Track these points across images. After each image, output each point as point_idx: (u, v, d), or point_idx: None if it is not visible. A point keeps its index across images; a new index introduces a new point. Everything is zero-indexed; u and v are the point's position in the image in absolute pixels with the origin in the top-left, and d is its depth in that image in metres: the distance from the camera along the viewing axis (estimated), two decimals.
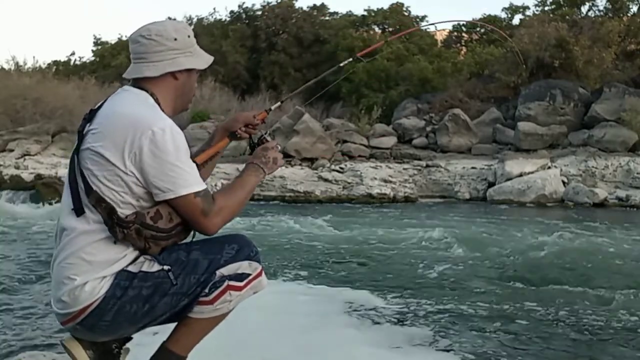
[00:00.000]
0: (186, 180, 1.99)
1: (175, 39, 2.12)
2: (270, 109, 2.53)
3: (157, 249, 2.03)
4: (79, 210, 2.02)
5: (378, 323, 4.85)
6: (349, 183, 15.59)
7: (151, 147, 1.95)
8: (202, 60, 2.22)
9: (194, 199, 1.99)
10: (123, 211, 1.97)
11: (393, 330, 4.67)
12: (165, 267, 2.03)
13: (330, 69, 2.84)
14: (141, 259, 2.04)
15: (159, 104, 2.11)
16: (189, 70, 2.18)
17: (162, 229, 2.00)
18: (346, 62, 2.86)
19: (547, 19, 21.21)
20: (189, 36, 2.17)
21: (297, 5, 29.17)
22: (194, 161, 2.09)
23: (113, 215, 1.96)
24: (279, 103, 2.68)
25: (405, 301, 5.56)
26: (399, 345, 4.31)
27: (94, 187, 1.98)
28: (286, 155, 17.16)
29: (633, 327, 4.79)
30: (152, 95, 2.12)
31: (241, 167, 2.35)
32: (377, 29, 29.20)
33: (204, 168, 2.29)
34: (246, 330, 3.77)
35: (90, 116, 2.10)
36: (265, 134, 2.35)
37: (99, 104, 2.15)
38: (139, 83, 2.14)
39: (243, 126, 2.39)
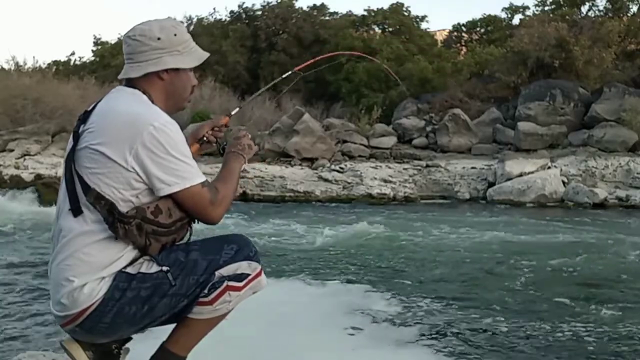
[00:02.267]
0: (190, 172, 2.02)
1: (159, 39, 2.11)
2: (231, 114, 2.61)
3: (158, 246, 2.03)
4: (76, 210, 2.02)
5: (377, 323, 4.85)
6: (349, 183, 15.58)
7: (153, 142, 1.96)
8: (192, 58, 2.19)
9: (202, 188, 2.03)
10: (122, 208, 1.98)
11: (392, 330, 4.67)
12: (164, 268, 2.03)
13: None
14: (140, 260, 2.04)
15: (152, 102, 2.12)
16: (176, 70, 2.16)
17: (163, 224, 2.00)
18: (285, 75, 3.11)
19: (547, 19, 21.21)
20: (175, 34, 2.14)
21: (297, 5, 29.21)
22: None
23: (114, 211, 1.96)
24: (237, 109, 2.78)
25: (404, 301, 5.56)
26: (398, 346, 4.31)
27: (92, 185, 1.98)
28: (286, 155, 17.17)
29: (632, 328, 4.79)
30: (144, 93, 2.12)
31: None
32: (377, 29, 29.21)
33: None
34: (246, 330, 3.76)
35: (85, 117, 2.10)
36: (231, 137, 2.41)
37: (92, 105, 2.15)
38: (131, 83, 2.15)
39: (210, 130, 2.45)
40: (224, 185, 2.13)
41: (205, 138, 2.43)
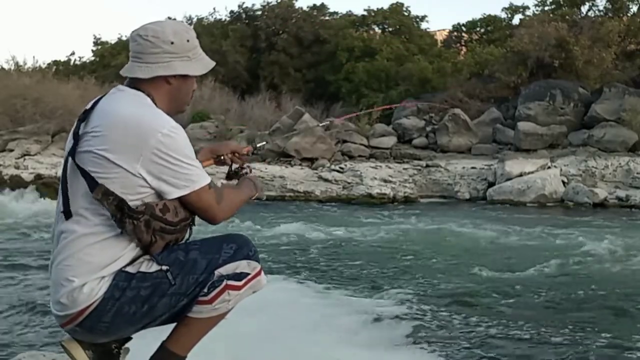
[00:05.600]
0: (199, 175, 2.05)
1: (172, 43, 2.10)
2: (256, 146, 2.74)
3: (162, 244, 2.03)
4: (67, 214, 2.02)
5: (376, 323, 4.84)
6: (348, 183, 15.58)
7: (162, 148, 1.97)
8: (200, 65, 2.19)
9: (209, 189, 2.07)
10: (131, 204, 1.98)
11: (391, 331, 4.67)
12: (164, 267, 2.03)
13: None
14: (140, 259, 2.04)
15: (155, 105, 2.11)
16: (183, 76, 2.16)
17: (170, 222, 2.02)
18: None
19: (547, 19, 21.19)
20: (187, 40, 2.14)
21: (297, 5, 29.20)
22: None
23: (123, 207, 1.96)
24: (264, 142, 3.06)
25: (404, 302, 5.55)
26: (398, 346, 4.31)
27: (100, 181, 1.97)
28: (286, 155, 17.17)
29: (630, 326, 4.79)
30: (148, 95, 2.11)
31: None
32: (377, 29, 29.20)
33: None
34: (245, 329, 3.77)
35: (85, 116, 2.08)
36: (244, 165, 2.50)
37: (91, 104, 2.13)
38: (134, 83, 2.13)
39: (230, 153, 2.48)
40: (231, 194, 2.19)
41: (222, 158, 2.47)
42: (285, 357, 3.88)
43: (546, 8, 24.01)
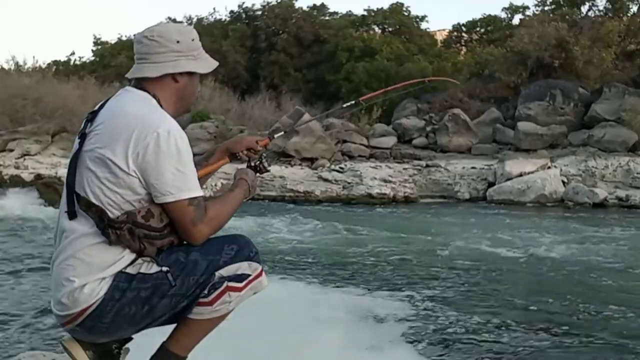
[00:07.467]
0: (185, 184, 1.99)
1: (178, 42, 2.12)
2: (273, 137, 2.62)
3: (153, 250, 2.02)
4: (71, 214, 2.02)
5: (374, 323, 4.84)
6: (348, 183, 15.58)
7: (155, 148, 1.95)
8: (205, 64, 2.22)
9: (187, 206, 1.99)
10: (115, 213, 1.97)
11: (391, 330, 4.67)
12: (164, 269, 2.03)
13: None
14: (139, 260, 2.04)
15: (160, 106, 2.11)
16: (190, 74, 2.18)
17: (155, 228, 2.00)
18: None
19: (547, 19, 21.20)
20: (192, 39, 2.17)
21: (297, 5, 29.21)
22: None
23: (104, 218, 1.96)
24: (282, 132, 3.04)
25: (404, 301, 5.55)
26: (397, 345, 4.31)
27: (83, 193, 1.99)
28: (286, 155, 17.17)
29: (630, 327, 4.79)
30: (154, 96, 2.11)
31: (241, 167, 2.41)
32: (377, 29, 29.20)
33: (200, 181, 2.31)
34: (245, 330, 3.76)
35: (92, 117, 2.10)
36: (263, 159, 2.43)
37: (99, 105, 2.15)
38: (140, 84, 2.14)
39: (245, 149, 2.44)
40: (218, 207, 2.10)
41: (238, 156, 2.44)
42: (285, 356, 3.88)
43: (546, 8, 24.02)
